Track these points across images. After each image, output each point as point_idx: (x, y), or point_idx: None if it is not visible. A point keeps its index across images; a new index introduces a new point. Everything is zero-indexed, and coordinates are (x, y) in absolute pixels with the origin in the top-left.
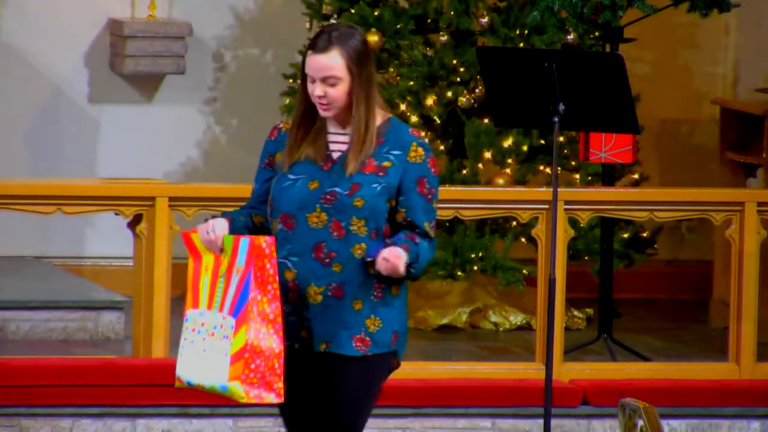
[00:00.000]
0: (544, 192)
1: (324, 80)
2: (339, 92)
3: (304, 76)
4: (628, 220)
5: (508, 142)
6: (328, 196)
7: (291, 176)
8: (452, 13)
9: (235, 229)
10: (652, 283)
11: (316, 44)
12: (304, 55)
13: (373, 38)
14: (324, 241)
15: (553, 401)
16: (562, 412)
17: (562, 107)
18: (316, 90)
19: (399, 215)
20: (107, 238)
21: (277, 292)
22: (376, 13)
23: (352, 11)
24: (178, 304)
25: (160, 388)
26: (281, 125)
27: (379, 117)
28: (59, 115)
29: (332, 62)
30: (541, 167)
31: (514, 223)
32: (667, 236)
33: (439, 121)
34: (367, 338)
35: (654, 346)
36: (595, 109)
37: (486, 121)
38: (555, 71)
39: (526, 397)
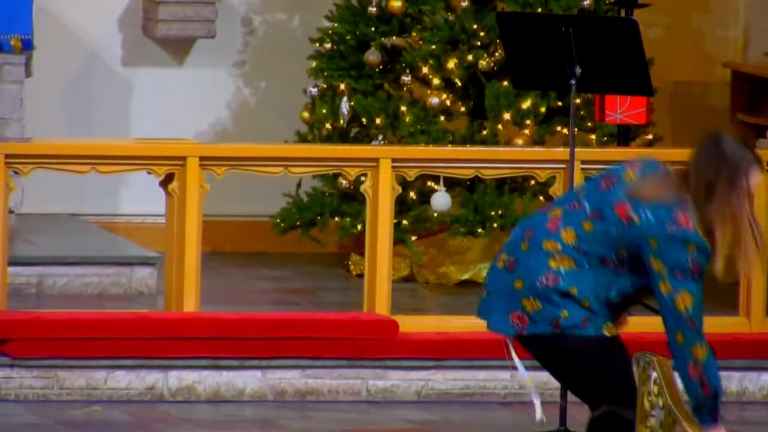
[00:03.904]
0: (562, 152)
1: None
2: None
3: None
4: None
5: (526, 104)
6: None
7: None
8: None
9: None
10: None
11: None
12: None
13: (396, 3)
14: None
15: None
16: None
17: (578, 70)
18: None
19: None
20: (140, 197)
21: None
22: None
23: None
24: (208, 259)
25: (191, 340)
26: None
27: None
28: (94, 78)
29: None
30: (559, 128)
31: (533, 181)
32: None
33: (460, 84)
34: None
35: None
36: (610, 72)
37: (505, 83)
38: (572, 35)
39: None
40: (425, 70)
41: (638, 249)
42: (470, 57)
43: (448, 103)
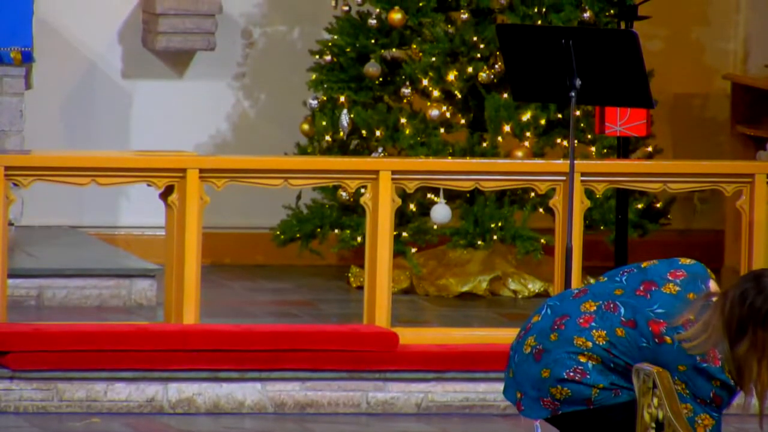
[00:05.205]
0: (562, 164)
1: None
2: None
3: None
4: (643, 191)
5: (526, 116)
6: None
7: None
8: None
9: None
10: (665, 252)
11: None
12: None
13: (396, 16)
14: None
15: None
16: None
17: (578, 82)
18: None
19: None
20: (140, 209)
21: None
22: None
23: None
24: (208, 271)
25: (191, 353)
26: None
27: None
28: (94, 90)
29: None
30: (559, 140)
31: (533, 194)
32: (679, 207)
33: (459, 96)
34: None
35: None
36: (610, 84)
37: (505, 95)
38: (572, 48)
39: None
40: (425, 82)
41: (664, 366)
42: (470, 69)
43: (447, 115)
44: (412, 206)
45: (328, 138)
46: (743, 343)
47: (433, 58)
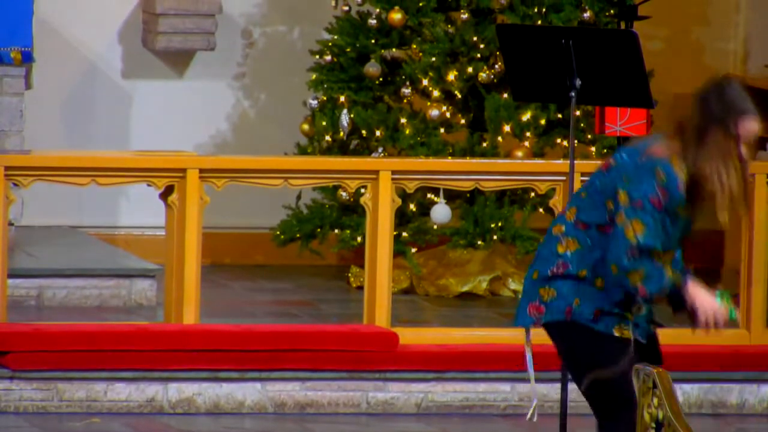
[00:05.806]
0: (561, 164)
1: None
2: None
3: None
4: None
5: (526, 116)
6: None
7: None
8: None
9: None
10: None
11: (753, 108)
12: (725, 119)
13: (396, 16)
14: None
15: None
16: None
17: (578, 82)
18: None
19: None
20: (140, 209)
21: None
22: None
23: None
24: (208, 271)
25: (191, 353)
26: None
27: None
28: (93, 90)
29: None
30: (559, 140)
31: (533, 194)
32: None
33: (460, 96)
34: None
35: (667, 313)
36: (610, 84)
37: (505, 95)
38: (572, 48)
39: (546, 362)
40: (425, 82)
41: (613, 188)
42: (470, 69)
43: (448, 115)
44: (412, 206)
45: (328, 138)
46: (704, 148)
47: (433, 58)
